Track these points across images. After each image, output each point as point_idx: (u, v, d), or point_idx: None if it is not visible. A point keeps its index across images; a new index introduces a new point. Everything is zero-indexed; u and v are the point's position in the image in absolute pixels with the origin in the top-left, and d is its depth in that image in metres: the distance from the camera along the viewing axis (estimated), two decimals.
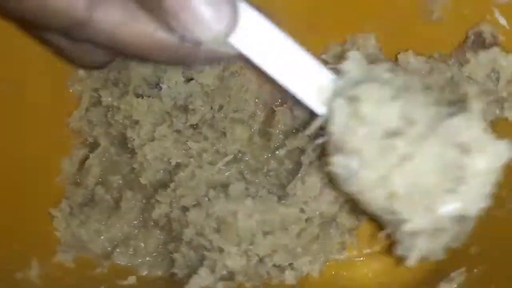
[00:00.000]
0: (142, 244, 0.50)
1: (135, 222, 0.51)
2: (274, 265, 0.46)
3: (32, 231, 0.46)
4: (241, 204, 0.45)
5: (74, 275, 0.46)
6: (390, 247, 0.48)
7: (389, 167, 0.30)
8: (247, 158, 0.50)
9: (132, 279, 0.46)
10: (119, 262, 0.49)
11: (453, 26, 0.41)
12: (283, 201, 0.46)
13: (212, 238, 0.45)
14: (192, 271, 0.47)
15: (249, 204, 0.45)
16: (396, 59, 0.44)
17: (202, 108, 0.49)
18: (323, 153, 0.35)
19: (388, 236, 0.35)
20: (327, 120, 0.33)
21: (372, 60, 0.45)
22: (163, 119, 0.49)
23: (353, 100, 0.31)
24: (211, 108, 0.50)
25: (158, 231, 0.50)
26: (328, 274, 0.48)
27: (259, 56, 0.32)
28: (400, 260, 0.47)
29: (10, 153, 0.48)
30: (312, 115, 0.34)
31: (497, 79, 0.40)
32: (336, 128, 0.32)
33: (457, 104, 0.32)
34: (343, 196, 0.42)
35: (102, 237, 0.50)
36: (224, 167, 0.49)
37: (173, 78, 0.48)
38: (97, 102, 0.51)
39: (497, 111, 0.41)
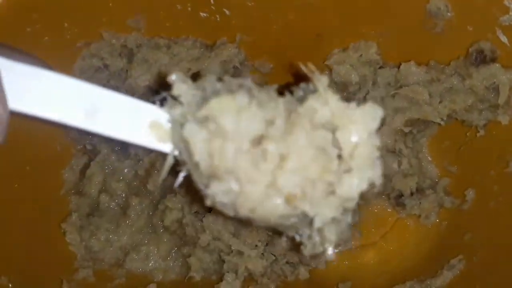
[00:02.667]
0: (155, 249, 0.51)
1: (145, 228, 0.52)
2: (287, 262, 0.50)
3: (50, 250, 0.47)
4: None
5: None
6: (387, 235, 0.54)
7: (271, 173, 0.29)
8: None
9: (152, 287, 0.48)
10: (132, 269, 0.51)
11: (454, 40, 0.46)
12: None
13: (231, 243, 0.48)
14: (209, 273, 0.50)
15: None
16: (398, 68, 0.48)
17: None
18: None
19: (292, 239, 0.35)
20: (179, 153, 0.31)
21: (374, 66, 0.49)
22: None
23: (205, 120, 0.29)
24: None
25: (169, 236, 0.52)
26: (331, 264, 0.53)
27: (67, 116, 0.28)
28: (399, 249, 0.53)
29: (13, 170, 0.47)
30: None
31: (496, 91, 0.45)
32: (199, 156, 0.29)
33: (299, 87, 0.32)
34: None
35: (113, 246, 0.51)
36: None
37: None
38: None
39: (491, 116, 0.47)
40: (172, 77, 0.31)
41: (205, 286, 0.50)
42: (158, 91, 0.50)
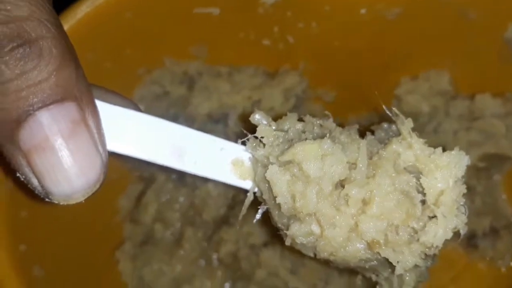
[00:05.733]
0: (209, 283, 0.51)
1: (199, 259, 0.52)
2: None
3: (101, 280, 0.48)
4: None
5: None
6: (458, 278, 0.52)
7: (353, 218, 0.30)
8: None
9: None
10: None
11: None
12: None
13: (288, 279, 0.48)
14: None
15: None
16: (473, 99, 0.47)
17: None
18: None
19: (369, 279, 0.35)
20: (258, 191, 0.33)
21: (446, 96, 0.48)
22: None
23: (289, 163, 0.31)
24: None
25: (223, 269, 0.52)
26: None
27: (157, 156, 0.31)
28: None
29: None
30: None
31: None
32: (281, 198, 0.31)
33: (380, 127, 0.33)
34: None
35: (166, 277, 0.51)
36: None
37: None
38: None
39: None
40: (256, 117, 0.32)
41: None
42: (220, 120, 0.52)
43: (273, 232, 0.49)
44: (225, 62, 0.48)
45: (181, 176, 0.53)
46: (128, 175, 0.53)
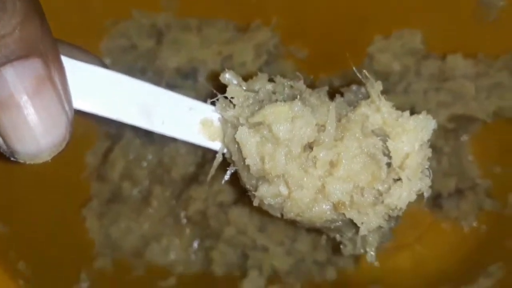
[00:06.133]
0: (177, 240, 0.51)
1: (167, 218, 0.52)
2: (315, 262, 0.50)
3: (69, 236, 0.47)
4: None
5: (116, 281, 0.47)
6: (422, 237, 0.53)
7: (320, 180, 0.31)
8: None
9: (172, 280, 0.48)
10: (152, 260, 0.51)
11: (505, 32, 0.45)
12: None
13: (256, 237, 0.48)
14: (232, 268, 0.50)
15: None
16: (444, 59, 0.47)
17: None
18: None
19: (333, 239, 0.36)
20: (227, 152, 0.33)
21: (417, 56, 0.48)
22: None
23: (258, 125, 0.31)
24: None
25: (191, 227, 0.52)
26: (361, 265, 0.52)
27: (124, 114, 0.30)
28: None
29: None
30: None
31: None
32: (250, 160, 0.31)
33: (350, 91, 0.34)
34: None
35: (134, 234, 0.51)
36: None
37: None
38: None
39: None
40: (226, 76, 0.32)
41: (227, 282, 0.50)
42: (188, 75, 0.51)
43: (242, 191, 0.50)
44: (196, 14, 0.47)
45: (149, 134, 0.52)
46: (95, 131, 0.52)
